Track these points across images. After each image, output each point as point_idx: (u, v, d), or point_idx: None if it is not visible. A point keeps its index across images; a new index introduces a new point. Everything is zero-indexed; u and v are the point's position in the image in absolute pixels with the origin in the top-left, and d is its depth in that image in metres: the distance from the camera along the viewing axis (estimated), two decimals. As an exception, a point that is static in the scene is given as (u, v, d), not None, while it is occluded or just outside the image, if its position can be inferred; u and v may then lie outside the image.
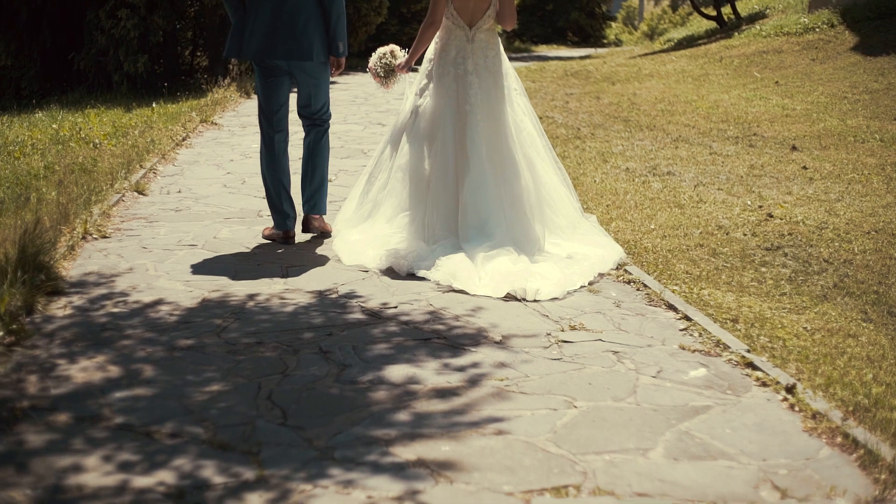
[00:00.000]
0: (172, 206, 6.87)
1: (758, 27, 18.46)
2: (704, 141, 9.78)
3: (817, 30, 16.25)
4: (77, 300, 4.75)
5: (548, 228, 5.59)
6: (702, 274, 5.33)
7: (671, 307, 4.68)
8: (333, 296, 4.85)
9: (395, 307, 4.66)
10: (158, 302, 4.73)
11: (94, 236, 5.96)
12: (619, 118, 11.57)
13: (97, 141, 9.26)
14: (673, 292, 4.88)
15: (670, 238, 6.03)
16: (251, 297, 4.81)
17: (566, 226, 5.70)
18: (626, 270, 5.26)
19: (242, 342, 4.16)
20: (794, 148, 9.27)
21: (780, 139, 9.82)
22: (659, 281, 5.11)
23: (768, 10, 20.93)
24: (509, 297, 4.90)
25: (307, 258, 5.62)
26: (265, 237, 6.05)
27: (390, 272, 5.30)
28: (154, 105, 12.68)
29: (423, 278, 5.16)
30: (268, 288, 4.97)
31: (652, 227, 6.27)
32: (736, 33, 19.00)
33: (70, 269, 5.27)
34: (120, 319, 4.46)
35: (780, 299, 5.01)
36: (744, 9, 22.89)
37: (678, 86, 14.58)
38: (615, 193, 7.22)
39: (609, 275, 5.28)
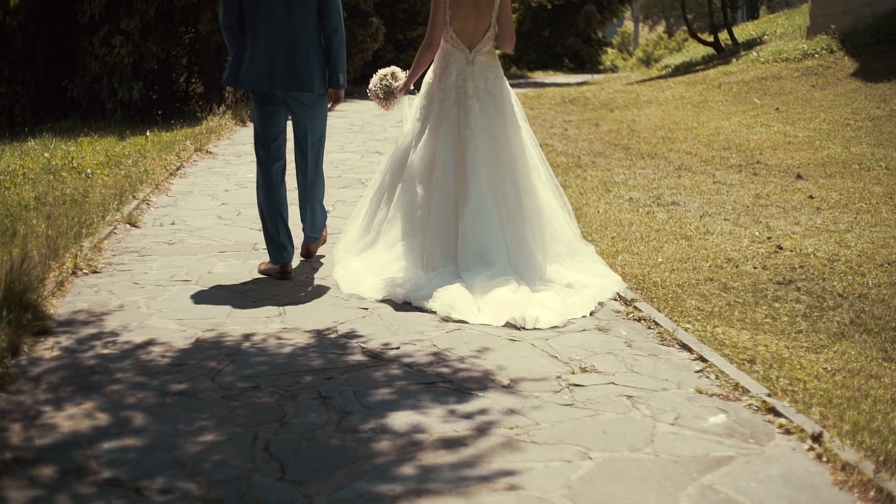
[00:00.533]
0: (165, 239, 6.68)
1: (756, 53, 18.40)
2: (707, 169, 9.63)
3: (816, 56, 16.16)
4: (65, 341, 4.55)
5: (548, 255, 5.50)
6: (714, 310, 5.14)
7: (685, 347, 4.49)
8: (333, 335, 4.65)
9: (398, 348, 4.46)
10: (150, 342, 4.53)
11: (85, 271, 5.77)
12: (620, 146, 11.42)
13: (90, 171, 9.08)
14: (686, 331, 4.69)
15: (679, 272, 5.85)
16: (247, 336, 4.62)
17: (566, 253, 5.61)
18: (635, 307, 5.07)
19: (238, 386, 3.97)
20: (799, 176, 9.12)
21: (783, 167, 9.68)
22: (670, 318, 4.92)
23: (766, 36, 20.90)
24: (509, 326, 4.82)
25: (305, 294, 5.43)
26: (261, 272, 5.87)
27: (389, 303, 5.19)
28: (148, 133, 12.52)
29: (425, 311, 5.03)
30: (264, 327, 4.77)
31: (659, 260, 6.09)
32: (734, 59, 18.92)
33: (58, 307, 5.08)
34: (109, 362, 4.27)
35: (796, 337, 4.82)
36: (740, 35, 22.89)
37: (677, 112, 14.45)
38: (620, 224, 7.05)
39: (618, 311, 5.09)
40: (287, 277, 5.77)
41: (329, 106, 5.89)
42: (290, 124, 5.88)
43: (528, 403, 3.81)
